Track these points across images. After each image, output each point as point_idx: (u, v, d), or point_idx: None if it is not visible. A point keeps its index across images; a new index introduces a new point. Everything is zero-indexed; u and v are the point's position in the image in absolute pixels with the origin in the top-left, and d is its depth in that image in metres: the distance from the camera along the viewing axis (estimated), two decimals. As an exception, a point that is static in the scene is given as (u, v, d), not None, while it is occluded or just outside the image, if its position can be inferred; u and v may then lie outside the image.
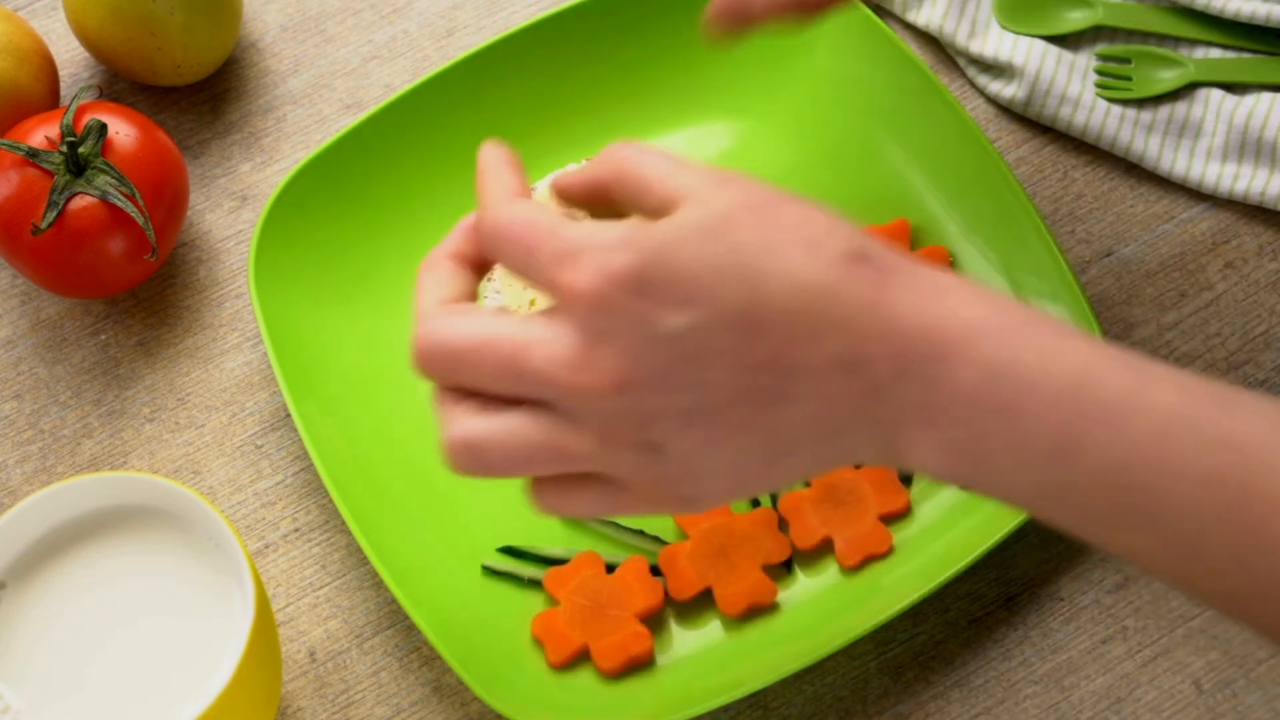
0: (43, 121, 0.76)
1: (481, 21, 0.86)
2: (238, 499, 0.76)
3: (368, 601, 0.74)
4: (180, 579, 0.65)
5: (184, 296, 0.81)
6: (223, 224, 0.82)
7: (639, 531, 0.75)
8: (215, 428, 0.78)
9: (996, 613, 0.74)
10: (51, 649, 0.63)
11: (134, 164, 0.75)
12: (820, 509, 0.74)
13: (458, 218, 0.81)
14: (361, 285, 0.79)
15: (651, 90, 0.83)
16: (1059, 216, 0.81)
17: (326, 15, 0.86)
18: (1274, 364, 0.78)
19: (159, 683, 0.63)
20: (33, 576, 0.65)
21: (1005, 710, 0.72)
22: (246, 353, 0.79)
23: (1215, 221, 0.81)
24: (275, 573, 0.75)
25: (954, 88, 0.84)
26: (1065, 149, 0.83)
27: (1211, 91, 0.82)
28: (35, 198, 0.74)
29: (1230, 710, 0.72)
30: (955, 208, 0.79)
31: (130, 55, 0.80)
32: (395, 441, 0.76)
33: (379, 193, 0.80)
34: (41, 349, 0.79)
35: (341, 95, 0.85)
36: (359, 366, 0.77)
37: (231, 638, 0.63)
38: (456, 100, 0.81)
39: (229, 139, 0.84)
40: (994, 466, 0.54)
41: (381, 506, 0.74)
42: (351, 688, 0.73)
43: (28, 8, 0.87)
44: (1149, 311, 0.79)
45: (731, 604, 0.73)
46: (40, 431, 0.78)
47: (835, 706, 0.72)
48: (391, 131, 0.80)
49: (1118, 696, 0.72)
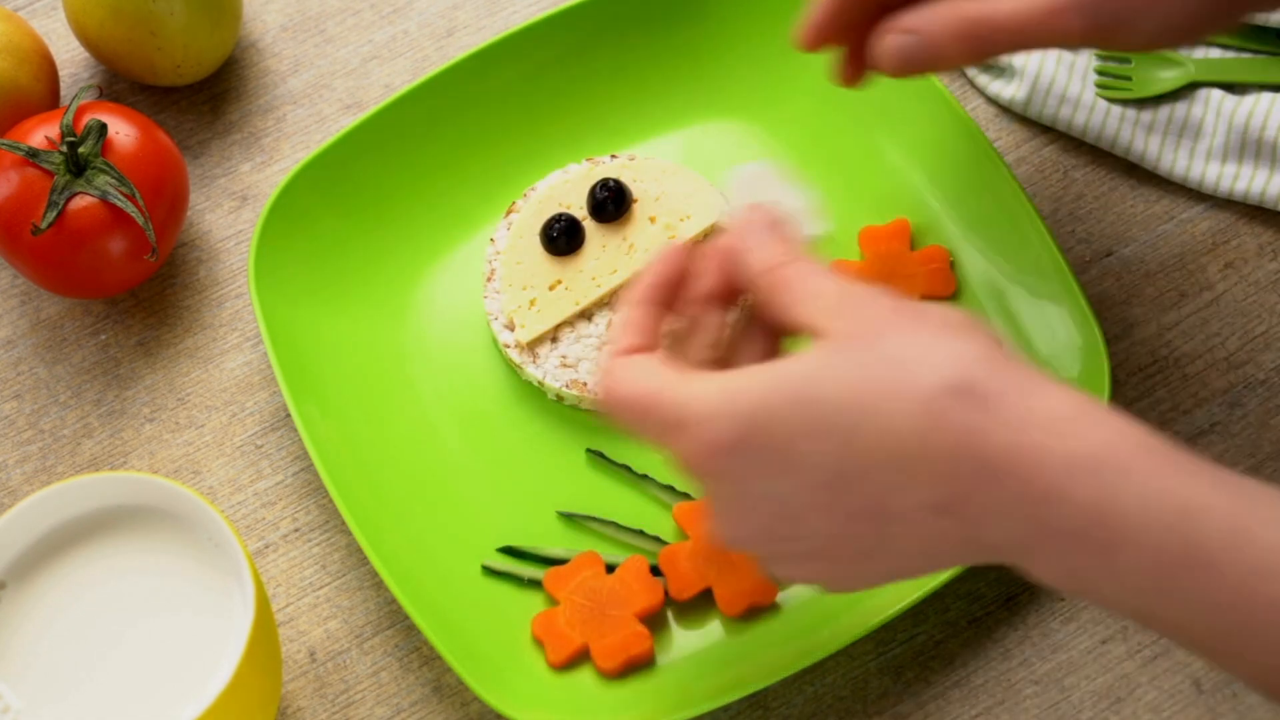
0: (43, 121, 0.76)
1: (481, 21, 0.86)
2: (238, 499, 0.76)
3: (368, 601, 0.74)
4: (180, 579, 0.65)
5: (184, 296, 0.81)
6: (223, 224, 0.82)
7: (639, 531, 0.74)
8: (215, 428, 0.78)
9: (996, 613, 0.74)
10: (51, 649, 0.63)
11: (134, 164, 0.75)
12: (820, 509, 0.74)
13: (457, 217, 0.81)
14: (361, 285, 0.79)
15: (651, 90, 0.83)
16: (1059, 216, 0.81)
17: (326, 15, 0.86)
18: (1274, 364, 0.78)
19: (159, 683, 0.63)
20: (33, 576, 0.65)
21: (1005, 710, 0.72)
22: (246, 353, 0.79)
23: (1215, 221, 0.81)
24: (275, 573, 0.75)
25: (954, 88, 0.84)
26: (1065, 149, 0.83)
27: (1211, 91, 0.82)
28: (35, 198, 0.74)
29: (1230, 710, 0.72)
30: (955, 208, 0.79)
31: (130, 55, 0.80)
32: (395, 441, 0.76)
33: (379, 193, 0.80)
34: (41, 349, 0.79)
35: (341, 95, 0.85)
36: (359, 366, 0.77)
37: (231, 638, 0.63)
38: (456, 100, 0.81)
39: (229, 139, 0.84)
40: (1097, 594, 0.55)
41: (381, 506, 0.74)
42: (351, 688, 0.73)
43: (28, 8, 0.87)
44: (1149, 311, 0.79)
45: (731, 604, 0.73)
46: (40, 431, 0.78)
47: (835, 706, 0.72)
48: (391, 131, 0.80)
49: (1118, 696, 0.72)
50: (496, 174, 0.81)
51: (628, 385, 0.59)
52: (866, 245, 0.79)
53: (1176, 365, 0.78)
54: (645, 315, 0.62)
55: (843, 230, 0.80)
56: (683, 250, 0.63)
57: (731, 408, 0.56)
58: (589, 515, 0.75)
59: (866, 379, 0.55)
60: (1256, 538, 0.52)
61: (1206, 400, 0.77)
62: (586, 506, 0.75)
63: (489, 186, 0.81)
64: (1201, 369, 0.78)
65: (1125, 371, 0.78)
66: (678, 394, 0.57)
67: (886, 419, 0.54)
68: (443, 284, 0.80)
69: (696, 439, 0.57)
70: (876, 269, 0.78)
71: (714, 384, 0.57)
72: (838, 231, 0.80)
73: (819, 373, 0.55)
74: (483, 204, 0.81)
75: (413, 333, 0.78)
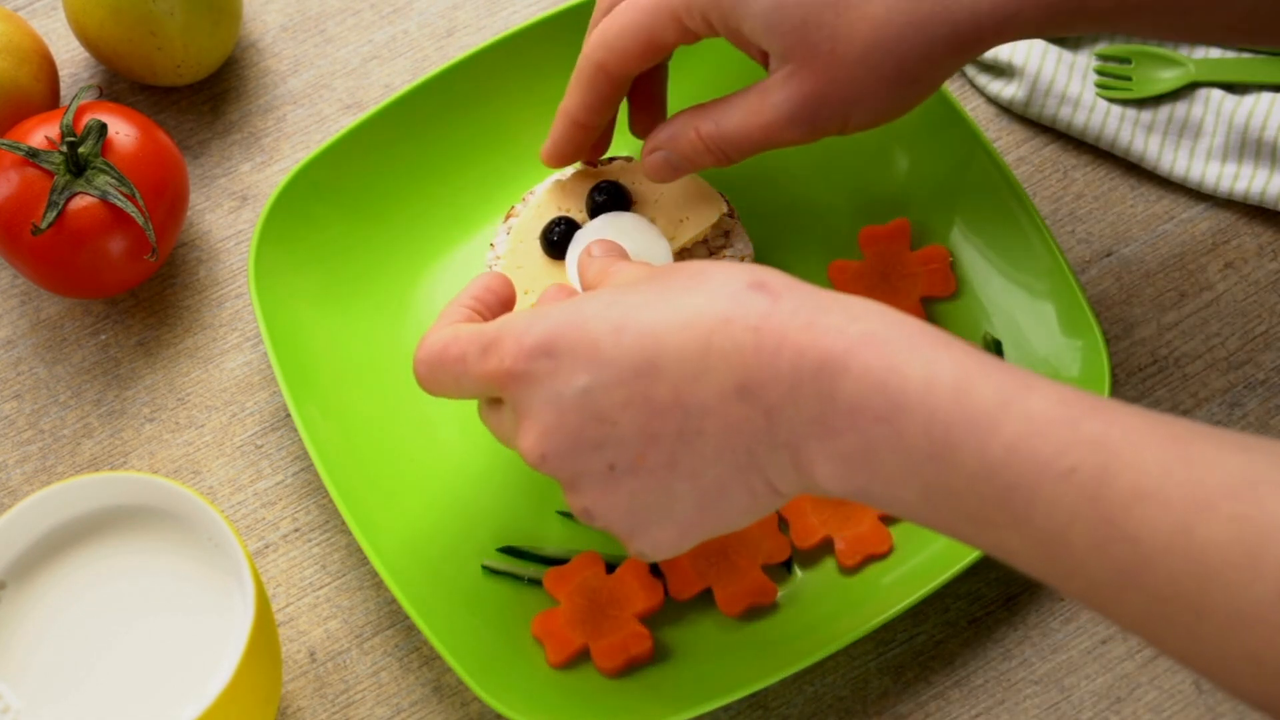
0: (43, 121, 0.76)
1: (481, 21, 0.86)
2: (238, 499, 0.76)
3: (368, 601, 0.74)
4: (180, 579, 0.65)
5: (184, 296, 0.81)
6: (223, 224, 0.82)
7: (639, 531, 0.75)
8: (215, 428, 0.78)
9: (996, 613, 0.74)
10: (51, 649, 0.63)
11: (134, 164, 0.75)
12: (820, 509, 0.74)
13: (457, 218, 0.81)
14: (361, 285, 0.79)
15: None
16: (1059, 216, 0.81)
17: (326, 15, 0.86)
18: (1274, 364, 0.78)
19: (159, 683, 0.63)
20: (33, 576, 0.65)
21: (1005, 710, 0.72)
22: (246, 353, 0.79)
23: (1215, 221, 0.81)
24: (275, 573, 0.75)
25: (954, 88, 0.84)
26: (1065, 149, 0.83)
27: (1211, 91, 0.82)
28: (35, 198, 0.74)
29: (1230, 710, 0.72)
30: (955, 208, 0.79)
31: (130, 55, 0.80)
32: (395, 441, 0.76)
33: (379, 193, 0.80)
34: (41, 349, 0.79)
35: (341, 95, 0.85)
36: (359, 366, 0.77)
37: (231, 638, 0.63)
38: (456, 100, 0.81)
39: (229, 139, 0.84)
40: (883, 474, 0.56)
41: (381, 507, 0.74)
42: (351, 688, 0.73)
43: (28, 8, 0.87)
44: (1149, 311, 0.79)
45: (731, 604, 0.73)
46: (40, 431, 0.78)
47: (835, 706, 0.72)
48: (391, 131, 0.80)
49: (1118, 696, 0.72)
50: (497, 173, 0.81)
51: (433, 336, 0.64)
52: (866, 245, 0.79)
53: (1176, 365, 0.78)
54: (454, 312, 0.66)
55: (843, 230, 0.80)
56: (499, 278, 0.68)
57: (543, 318, 0.60)
58: (589, 515, 0.75)
59: (669, 287, 0.60)
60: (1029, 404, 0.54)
61: (1206, 400, 0.77)
62: (586, 506, 0.75)
63: (489, 186, 0.81)
64: (1201, 369, 0.78)
65: (1125, 371, 0.78)
66: (487, 325, 0.62)
67: (690, 311, 0.58)
68: (443, 284, 0.80)
69: (511, 345, 0.60)
70: (876, 269, 0.78)
71: (531, 309, 0.62)
72: (838, 231, 0.80)
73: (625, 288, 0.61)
74: (483, 204, 0.81)
75: (413, 333, 0.78)
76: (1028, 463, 0.53)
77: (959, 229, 0.79)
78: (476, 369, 0.62)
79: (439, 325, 0.65)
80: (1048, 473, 0.53)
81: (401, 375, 0.78)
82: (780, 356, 0.56)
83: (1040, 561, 0.54)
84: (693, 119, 0.70)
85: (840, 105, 0.66)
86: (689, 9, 0.67)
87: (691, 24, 0.67)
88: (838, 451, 0.56)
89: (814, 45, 0.65)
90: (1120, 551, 0.52)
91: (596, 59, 0.69)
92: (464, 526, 0.75)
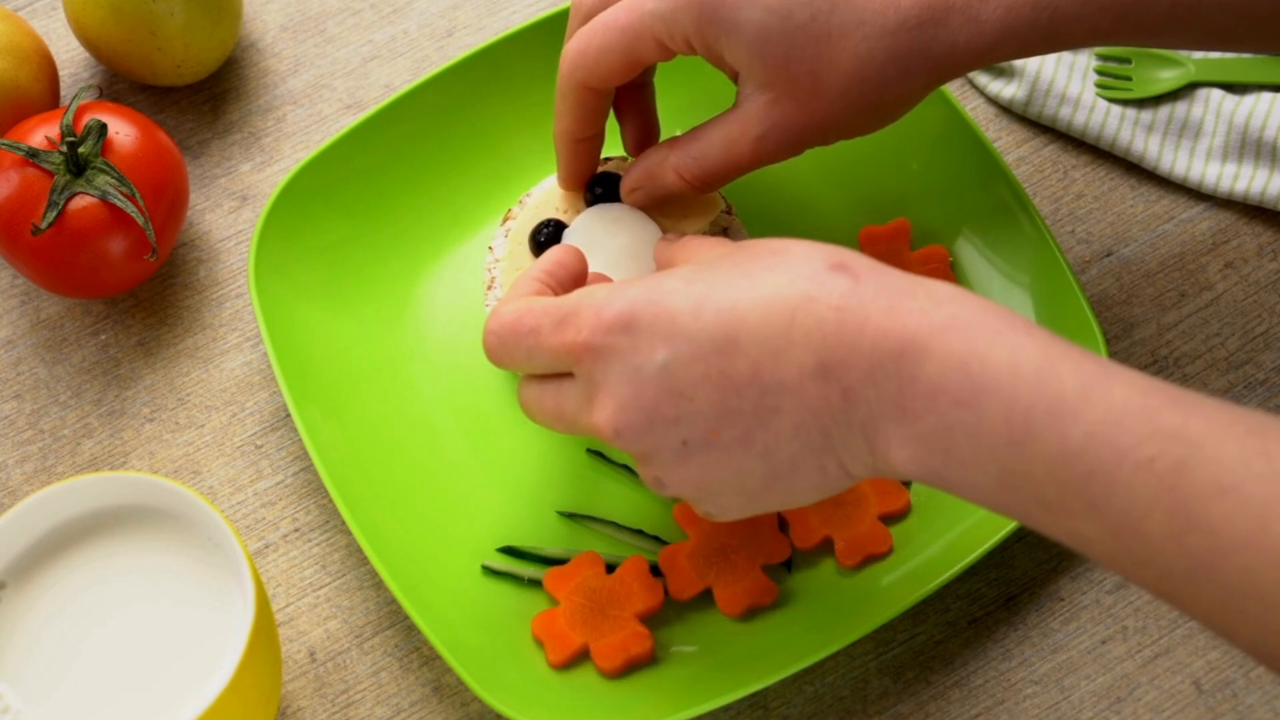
0: (43, 121, 0.76)
1: (481, 21, 0.86)
2: (238, 499, 0.76)
3: (368, 601, 0.74)
4: (180, 579, 0.65)
5: (184, 296, 0.81)
6: (223, 224, 0.82)
7: (639, 531, 0.75)
8: (215, 428, 0.78)
9: (996, 613, 0.74)
10: (52, 649, 0.63)
11: (134, 164, 0.75)
12: (820, 509, 0.74)
13: (457, 218, 0.81)
14: (361, 285, 0.79)
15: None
16: (1059, 216, 0.81)
17: (326, 15, 0.86)
18: (1274, 364, 0.78)
19: (159, 683, 0.63)
20: (33, 576, 0.65)
21: (1005, 710, 0.72)
22: (246, 353, 0.79)
23: (1215, 221, 0.81)
24: (275, 573, 0.75)
25: (954, 87, 0.84)
26: (1065, 149, 0.83)
27: (1211, 91, 0.82)
28: (35, 198, 0.74)
29: (1230, 710, 0.72)
30: (955, 208, 0.79)
31: (130, 55, 0.80)
32: (395, 441, 0.76)
33: (379, 193, 0.80)
34: (41, 349, 0.79)
35: (341, 95, 0.85)
36: (359, 366, 0.77)
37: (231, 638, 0.63)
38: (456, 100, 0.81)
39: (229, 139, 0.84)
40: (959, 458, 0.56)
41: (381, 506, 0.74)
42: (351, 688, 0.73)
43: (28, 8, 0.87)
44: (1149, 311, 0.79)
45: (731, 604, 0.73)
46: (40, 431, 0.78)
47: (835, 706, 0.72)
48: (391, 131, 0.80)
49: (1118, 696, 0.72)
50: (497, 173, 0.81)
51: (507, 308, 0.64)
52: (866, 245, 0.79)
53: (1176, 365, 0.78)
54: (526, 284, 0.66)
55: (843, 230, 0.80)
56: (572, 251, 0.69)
57: (622, 293, 0.60)
58: (589, 515, 0.75)
59: (749, 264, 0.60)
60: (1111, 392, 0.54)
61: (1206, 400, 0.77)
62: (586, 506, 0.75)
63: (490, 186, 0.81)
64: (1201, 369, 0.78)
65: (1125, 371, 0.78)
66: (564, 299, 0.62)
67: (771, 290, 0.58)
68: (443, 284, 0.80)
69: (590, 318, 0.60)
70: (876, 269, 0.79)
71: (609, 284, 0.62)
72: (838, 231, 0.80)
73: (703, 265, 0.61)
74: (483, 204, 0.81)
75: (413, 333, 0.78)
76: (1107, 450, 0.53)
77: (959, 229, 0.79)
78: (551, 341, 0.62)
79: (510, 296, 0.65)
80: (1127, 461, 0.53)
81: (402, 375, 0.78)
82: (863, 337, 0.57)
83: (1114, 550, 0.54)
84: (669, 156, 0.71)
85: (820, 131, 0.68)
86: (671, 34, 0.67)
87: (673, 46, 0.68)
88: (915, 434, 0.57)
89: (796, 78, 0.66)
90: (1196, 543, 0.52)
91: (578, 79, 0.70)
92: (464, 526, 0.75)
